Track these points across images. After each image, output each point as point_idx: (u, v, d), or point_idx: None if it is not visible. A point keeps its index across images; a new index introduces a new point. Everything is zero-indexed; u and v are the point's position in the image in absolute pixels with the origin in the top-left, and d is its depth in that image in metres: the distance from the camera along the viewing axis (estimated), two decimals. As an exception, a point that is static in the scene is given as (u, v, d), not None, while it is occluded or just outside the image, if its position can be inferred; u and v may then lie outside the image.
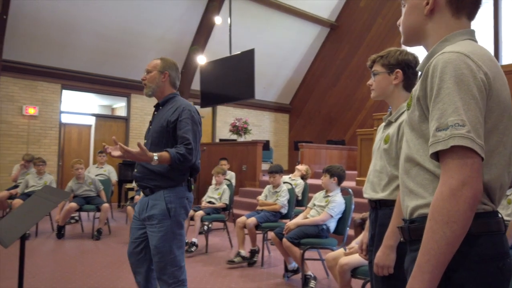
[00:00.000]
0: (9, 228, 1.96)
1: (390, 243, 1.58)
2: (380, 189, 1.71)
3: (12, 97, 8.07)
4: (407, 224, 1.07)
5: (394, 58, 1.75)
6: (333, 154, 9.05)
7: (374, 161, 1.80)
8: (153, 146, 2.24)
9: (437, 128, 0.92)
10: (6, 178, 7.59)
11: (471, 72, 0.92)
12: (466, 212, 0.87)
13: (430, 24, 1.09)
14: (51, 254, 4.82)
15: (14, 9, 7.33)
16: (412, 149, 1.05)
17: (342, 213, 3.66)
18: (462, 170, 0.88)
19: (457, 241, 0.88)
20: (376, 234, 1.72)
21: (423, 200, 1.02)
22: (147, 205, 2.23)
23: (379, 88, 1.79)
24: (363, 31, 10.88)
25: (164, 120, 2.25)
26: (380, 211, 1.72)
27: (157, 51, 9.49)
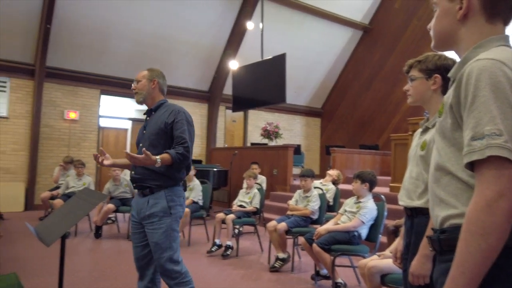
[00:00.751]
0: (51, 228, 2.08)
1: (426, 252, 1.54)
2: (416, 197, 1.68)
3: (54, 102, 8.50)
4: (437, 234, 1.05)
5: (432, 63, 1.72)
6: (366, 159, 8.90)
7: (410, 167, 1.77)
8: (151, 147, 2.34)
9: (473, 137, 0.89)
10: (49, 179, 7.98)
11: (507, 79, 0.89)
12: (502, 224, 0.85)
13: (463, 29, 1.06)
14: (89, 253, 5.03)
15: (57, 18, 7.73)
16: (443, 157, 1.03)
17: (374, 219, 3.59)
18: (499, 181, 0.86)
19: (493, 254, 0.86)
20: (412, 243, 1.69)
21: (455, 210, 0.99)
22: (147, 204, 2.33)
23: (417, 93, 1.77)
24: (397, 33, 10.65)
25: (161, 123, 2.39)
26: (416, 219, 1.69)
27: (191, 57, 9.73)
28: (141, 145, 2.47)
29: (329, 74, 12.15)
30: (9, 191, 7.77)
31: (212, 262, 4.61)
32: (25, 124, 8.17)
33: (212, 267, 4.38)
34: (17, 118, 8.10)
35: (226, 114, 11.07)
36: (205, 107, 10.64)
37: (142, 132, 2.53)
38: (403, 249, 1.80)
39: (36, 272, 3.95)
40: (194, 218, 5.53)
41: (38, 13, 7.67)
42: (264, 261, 4.66)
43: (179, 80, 9.96)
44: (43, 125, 8.28)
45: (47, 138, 8.36)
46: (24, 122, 8.16)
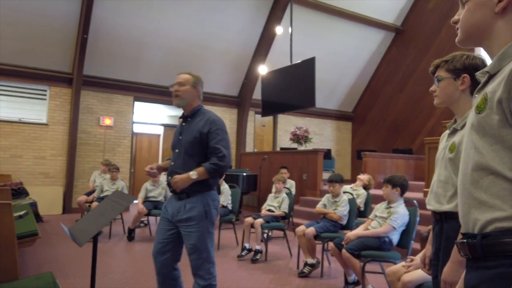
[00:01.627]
0: (84, 229, 2.16)
1: (459, 258, 1.47)
2: (445, 201, 1.62)
3: (91, 109, 8.84)
4: (479, 239, 0.98)
5: (460, 63, 1.66)
6: (399, 164, 8.66)
7: (438, 171, 1.71)
8: (187, 155, 2.45)
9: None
10: (85, 183, 8.30)
11: None
12: None
13: (499, 23, 1.01)
14: (122, 255, 5.17)
15: (93, 29, 8.05)
16: (486, 156, 0.97)
17: (406, 225, 3.49)
18: None
19: None
20: (442, 248, 1.63)
21: (501, 213, 0.93)
22: (184, 208, 2.41)
23: (444, 94, 1.71)
24: (431, 34, 10.34)
25: (196, 132, 2.47)
26: (445, 224, 1.63)
27: (222, 63, 9.86)
28: (177, 150, 2.54)
29: (360, 77, 11.96)
30: (48, 195, 8.13)
31: (241, 266, 4.62)
32: (63, 131, 8.54)
33: (241, 271, 4.39)
34: (56, 125, 8.48)
35: (255, 119, 11.12)
36: (234, 112, 10.73)
37: (178, 138, 2.57)
38: (432, 255, 1.74)
39: (71, 272, 4.10)
40: (223, 222, 5.57)
41: (76, 24, 8.02)
42: (293, 266, 4.62)
43: (209, 86, 10.09)
44: (80, 131, 8.62)
45: (83, 144, 8.70)
46: (62, 129, 8.53)
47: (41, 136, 8.33)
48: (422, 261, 1.88)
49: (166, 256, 2.47)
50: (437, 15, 10.22)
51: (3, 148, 7.96)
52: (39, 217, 7.07)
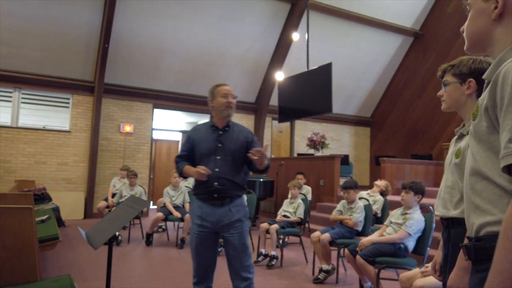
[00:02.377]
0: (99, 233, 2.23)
1: (464, 264, 1.46)
2: (452, 207, 1.62)
3: (111, 116, 9.06)
4: (473, 242, 1.01)
5: (466, 67, 1.66)
6: (418, 170, 8.52)
7: (445, 176, 1.71)
8: (234, 162, 2.63)
9: (510, 139, 0.87)
10: (106, 189, 8.48)
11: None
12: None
13: (498, 29, 1.04)
14: (140, 259, 5.26)
15: (114, 38, 8.28)
16: (479, 162, 1.00)
17: (422, 231, 3.45)
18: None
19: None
20: (449, 255, 1.62)
21: (491, 217, 0.96)
22: (230, 212, 2.58)
23: (450, 99, 1.71)
24: (450, 38, 10.18)
25: (243, 140, 2.67)
26: (452, 230, 1.62)
27: (239, 70, 9.96)
28: (218, 157, 2.61)
29: (379, 82, 11.85)
30: (70, 200, 8.36)
31: (257, 271, 4.58)
32: (85, 137, 8.77)
33: (257, 276, 4.37)
34: (78, 132, 8.72)
35: (272, 125, 11.15)
36: (252, 118, 10.80)
37: (217, 145, 2.64)
38: (441, 262, 1.72)
39: (90, 275, 4.21)
40: (239, 227, 5.59)
41: (97, 34, 8.28)
42: (308, 272, 4.61)
43: (226, 92, 10.20)
44: (101, 138, 8.84)
45: (104, 150, 8.91)
46: (84, 136, 8.77)
47: (64, 143, 8.58)
48: (432, 268, 1.87)
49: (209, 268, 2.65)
50: (457, 19, 10.06)
51: (28, 154, 8.24)
52: (61, 222, 7.26)
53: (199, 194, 2.63)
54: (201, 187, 2.58)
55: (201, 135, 2.70)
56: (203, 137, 2.68)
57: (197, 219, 2.59)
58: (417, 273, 2.60)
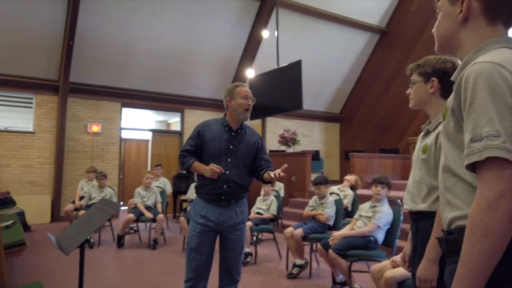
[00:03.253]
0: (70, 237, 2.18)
1: (432, 256, 1.54)
2: (420, 200, 1.68)
3: (78, 116, 8.80)
4: (445, 235, 1.06)
5: (430, 67, 1.73)
6: (386, 164, 8.78)
7: (413, 171, 1.77)
8: (244, 165, 2.59)
9: (472, 139, 0.91)
10: (74, 191, 8.23)
11: (505, 81, 0.90)
12: (505, 224, 0.85)
13: (464, 32, 1.08)
14: (112, 262, 5.16)
15: (79, 35, 8.03)
16: (449, 159, 1.05)
17: (391, 224, 3.56)
18: (499, 181, 0.86)
19: (497, 254, 0.86)
20: (418, 247, 1.69)
21: (460, 212, 1.01)
22: (235, 213, 2.58)
23: (416, 97, 1.78)
24: (415, 36, 10.52)
25: (253, 145, 2.64)
26: (420, 222, 1.69)
27: (209, 68, 9.90)
28: (229, 160, 2.55)
29: (347, 79, 12.10)
30: (36, 204, 8.07)
31: (230, 269, 4.65)
32: (50, 138, 8.48)
33: (231, 275, 4.42)
34: (42, 133, 8.42)
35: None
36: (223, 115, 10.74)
37: (229, 147, 2.57)
38: (410, 253, 1.80)
39: (60, 280, 4.09)
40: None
41: (61, 31, 7.99)
42: (282, 268, 4.67)
43: (197, 90, 10.14)
44: (67, 138, 8.57)
45: (71, 151, 8.65)
46: (49, 137, 8.47)
47: (28, 145, 8.26)
48: (402, 259, 1.94)
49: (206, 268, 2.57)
50: (421, 16, 10.40)
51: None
52: (27, 227, 7.01)
53: (204, 194, 2.56)
54: (208, 188, 2.52)
55: (213, 133, 2.58)
56: (215, 136, 2.57)
57: (201, 219, 2.54)
58: (387, 264, 2.70)
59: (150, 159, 10.63)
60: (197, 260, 2.52)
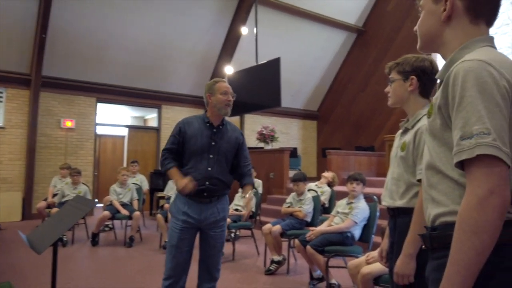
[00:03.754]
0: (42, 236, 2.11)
1: (409, 251, 1.57)
2: (398, 197, 1.71)
3: (51, 111, 8.53)
4: (429, 231, 1.06)
5: (409, 65, 1.75)
6: (362, 161, 8.93)
7: (391, 168, 1.80)
8: (225, 162, 2.60)
9: (462, 136, 0.91)
10: (46, 188, 7.99)
11: (493, 79, 0.91)
12: (495, 221, 0.86)
13: (447, 30, 1.08)
14: (86, 260, 5.04)
15: (52, 28, 7.78)
16: (434, 157, 1.05)
17: (367, 220, 3.63)
18: (489, 178, 0.87)
19: (487, 251, 0.87)
20: (396, 242, 1.72)
21: (445, 208, 1.01)
22: (217, 210, 2.57)
23: (395, 95, 1.80)
24: (391, 35, 10.72)
25: (234, 142, 2.64)
26: (398, 219, 1.72)
27: (187, 64, 9.78)
28: (211, 156, 2.54)
29: (325, 76, 12.21)
30: (6, 201, 7.79)
31: (208, 266, 4.62)
32: (22, 134, 8.19)
33: (208, 272, 4.40)
34: (13, 128, 8.12)
35: (222, 119, 11.09)
36: (201, 112, 10.62)
37: (210, 143, 2.56)
38: (388, 249, 1.82)
39: (32, 280, 3.97)
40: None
41: (33, 23, 7.72)
42: (260, 264, 4.69)
43: (175, 86, 10.02)
44: (39, 134, 8.31)
45: (44, 147, 8.39)
46: (20, 132, 8.18)
47: (-3, 140, 7.97)
48: (379, 255, 1.97)
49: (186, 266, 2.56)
50: (396, 16, 10.60)
51: (-44, 153, 7.54)
52: (-4, 225, 6.76)
53: None
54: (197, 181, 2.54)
55: (194, 130, 2.57)
56: (197, 132, 2.57)
57: (182, 215, 2.52)
58: (364, 260, 2.74)
59: (126, 156, 10.44)
60: (177, 257, 2.50)
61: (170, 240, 2.54)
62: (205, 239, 2.58)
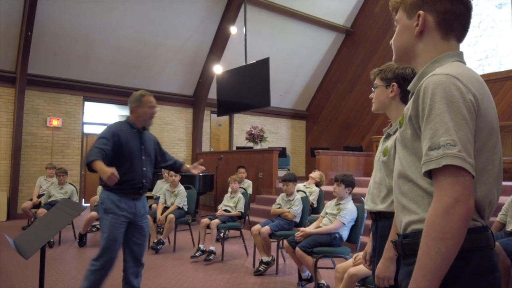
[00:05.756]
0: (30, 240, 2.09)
1: (389, 255, 1.60)
2: (379, 201, 1.74)
3: (37, 110, 8.41)
4: (401, 239, 1.10)
5: (391, 72, 1.79)
6: (350, 161, 9.01)
7: (374, 172, 1.83)
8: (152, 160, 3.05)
9: (430, 147, 0.95)
10: (32, 187, 7.87)
11: (460, 93, 0.95)
12: (459, 228, 0.90)
13: (420, 44, 1.14)
14: (73, 261, 4.99)
15: (38, 25, 7.66)
16: (404, 166, 1.09)
17: (355, 221, 3.67)
18: (455, 188, 0.91)
19: (452, 257, 0.91)
20: (377, 246, 1.75)
21: (415, 216, 1.05)
22: (144, 204, 2.99)
23: (378, 101, 1.84)
24: (378, 36, 10.84)
25: (153, 142, 3.10)
26: (380, 223, 1.75)
27: (175, 62, 9.73)
28: (143, 158, 2.94)
29: (313, 77, 12.28)
30: (-9, 201, 7.65)
31: (197, 267, 4.63)
32: (6, 133, 8.06)
33: (198, 272, 4.40)
34: (-2, 127, 7.99)
35: (211, 119, 11.09)
36: (190, 111, 10.64)
37: (140, 146, 2.94)
38: (371, 252, 1.86)
39: (18, 283, 3.91)
40: (179, 223, 5.54)
41: (19, 21, 7.59)
42: (249, 265, 4.70)
43: (163, 85, 9.96)
44: (25, 133, 8.18)
45: (29, 146, 8.27)
46: (5, 131, 8.05)
47: (-19, 139, 7.82)
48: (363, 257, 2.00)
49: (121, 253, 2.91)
50: (384, 18, 10.71)
51: None
52: (-20, 226, 6.64)
53: (122, 189, 2.80)
54: (129, 184, 2.83)
55: (126, 135, 2.86)
56: (129, 138, 2.87)
57: (120, 210, 2.80)
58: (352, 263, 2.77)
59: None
60: (117, 250, 2.82)
61: (111, 235, 2.76)
62: (136, 229, 2.91)
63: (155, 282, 4.01)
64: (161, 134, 10.12)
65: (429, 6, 1.10)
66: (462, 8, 1.10)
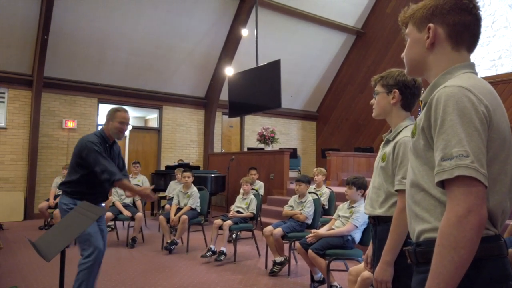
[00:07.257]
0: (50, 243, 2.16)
1: (387, 258, 1.64)
2: (377, 206, 1.78)
3: (53, 112, 8.58)
4: (414, 247, 1.13)
5: (392, 79, 1.81)
6: (361, 162, 8.99)
7: (373, 177, 1.87)
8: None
9: (442, 158, 0.97)
10: (48, 188, 8.04)
11: (472, 105, 0.98)
12: (472, 238, 0.92)
13: (431, 57, 1.16)
14: (89, 261, 5.08)
15: (54, 29, 7.82)
16: (417, 175, 1.11)
17: (367, 223, 3.69)
18: (468, 198, 0.93)
19: (465, 266, 0.93)
20: (376, 249, 1.79)
21: (428, 225, 1.07)
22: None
23: (379, 107, 1.86)
24: (390, 37, 10.79)
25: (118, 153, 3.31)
26: (378, 227, 1.79)
27: (188, 64, 9.83)
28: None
29: (324, 78, 12.27)
30: (8, 201, 7.85)
31: (210, 268, 4.69)
32: (23, 134, 8.25)
33: (210, 273, 4.47)
34: (15, 128, 8.17)
35: (222, 120, 11.17)
36: (201, 113, 10.74)
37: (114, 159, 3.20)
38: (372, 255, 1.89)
39: (37, 283, 4.02)
40: (192, 224, 5.61)
41: (35, 24, 7.77)
42: (261, 266, 4.74)
43: (176, 87, 10.07)
44: (41, 134, 8.36)
45: (46, 148, 8.44)
46: (22, 132, 8.24)
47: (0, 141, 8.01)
48: (365, 260, 2.03)
49: None
50: (395, 19, 10.54)
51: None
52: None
53: (92, 195, 3.04)
54: (100, 191, 3.15)
55: (104, 149, 3.07)
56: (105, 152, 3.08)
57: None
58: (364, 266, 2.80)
59: (128, 156, 10.47)
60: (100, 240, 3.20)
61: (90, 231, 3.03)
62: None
63: (170, 282, 4.09)
64: (173, 135, 10.24)
65: (438, 19, 1.13)
66: (471, 19, 1.12)
